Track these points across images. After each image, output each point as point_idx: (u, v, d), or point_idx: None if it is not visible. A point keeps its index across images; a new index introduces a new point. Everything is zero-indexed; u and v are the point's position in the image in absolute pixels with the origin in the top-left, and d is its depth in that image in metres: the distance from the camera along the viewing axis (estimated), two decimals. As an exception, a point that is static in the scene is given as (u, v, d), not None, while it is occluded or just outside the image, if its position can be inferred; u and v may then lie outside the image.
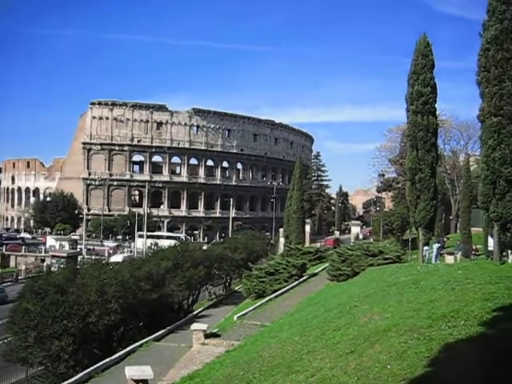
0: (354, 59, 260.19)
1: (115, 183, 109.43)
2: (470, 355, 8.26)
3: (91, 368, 18.88)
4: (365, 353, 9.86)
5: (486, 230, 32.63)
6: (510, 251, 33.64)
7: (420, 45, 25.24)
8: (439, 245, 31.21)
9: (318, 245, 64.87)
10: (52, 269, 37.64)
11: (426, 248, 28.85)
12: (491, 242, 26.26)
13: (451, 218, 71.03)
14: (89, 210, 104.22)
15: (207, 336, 21.03)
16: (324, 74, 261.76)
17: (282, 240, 72.22)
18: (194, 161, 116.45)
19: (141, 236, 78.86)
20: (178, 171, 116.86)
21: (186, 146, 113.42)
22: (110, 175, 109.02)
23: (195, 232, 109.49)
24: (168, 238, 74.07)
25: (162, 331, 25.42)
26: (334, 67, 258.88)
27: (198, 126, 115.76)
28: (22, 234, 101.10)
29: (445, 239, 36.88)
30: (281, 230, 79.03)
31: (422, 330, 9.98)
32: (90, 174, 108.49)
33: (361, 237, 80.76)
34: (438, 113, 28.23)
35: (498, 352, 7.86)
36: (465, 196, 47.36)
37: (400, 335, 10.13)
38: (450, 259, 32.29)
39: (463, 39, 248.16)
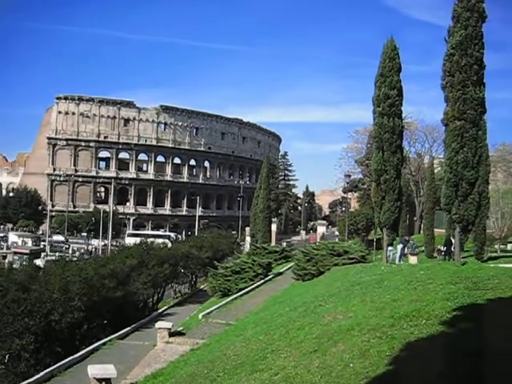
0: (323, 60, 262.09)
1: (80, 179, 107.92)
2: (431, 354, 8.43)
3: (53, 367, 18.56)
4: (328, 351, 9.98)
5: (448, 232, 33.26)
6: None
7: (387, 48, 25.58)
8: (402, 245, 31.70)
9: (284, 244, 65.20)
10: (14, 266, 36.88)
11: (390, 248, 29.27)
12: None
13: (415, 219, 72.14)
14: (53, 206, 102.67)
15: (172, 334, 20.97)
16: (293, 75, 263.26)
17: (248, 239, 72.37)
18: (161, 158, 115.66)
19: (133, 235, 78.08)
20: (144, 168, 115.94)
21: (154, 143, 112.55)
22: (76, 171, 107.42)
23: (161, 230, 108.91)
24: (158, 236, 73.50)
25: (127, 329, 25.23)
26: (303, 68, 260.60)
27: (165, 124, 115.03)
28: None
29: (408, 239, 37.36)
30: (247, 228, 79.20)
31: (384, 329, 10.14)
32: (54, 170, 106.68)
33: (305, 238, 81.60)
34: (404, 115, 28.64)
35: (457, 350, 8.06)
36: (429, 198, 48.12)
37: (363, 334, 10.27)
38: (413, 260, 32.85)
39: (430, 44, 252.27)
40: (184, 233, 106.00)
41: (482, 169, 31.77)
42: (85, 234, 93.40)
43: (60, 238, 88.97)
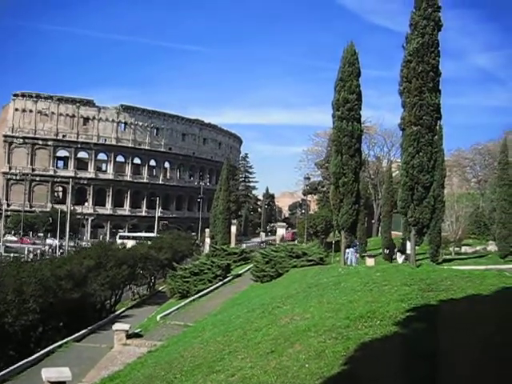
0: (285, 63, 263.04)
1: (38, 179, 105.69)
2: (385, 354, 8.59)
3: (6, 370, 18.11)
4: (285, 352, 10.07)
5: (404, 234, 33.89)
6: (398, 253, 35.50)
7: (347, 53, 25.89)
8: (353, 249, 32.02)
9: (244, 246, 65.26)
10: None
11: (348, 250, 29.66)
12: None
13: (373, 221, 73.20)
14: (8, 205, 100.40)
15: (129, 336, 20.81)
16: (255, 77, 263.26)
17: (207, 240, 72.17)
18: (120, 158, 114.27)
19: (125, 237, 76.94)
20: (104, 168, 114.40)
21: (113, 142, 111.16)
22: (33, 170, 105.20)
23: (120, 231, 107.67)
24: (150, 238, 72.85)
25: (83, 331, 24.89)
26: (266, 70, 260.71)
27: (125, 123, 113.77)
28: None
29: (358, 243, 37.74)
30: (207, 230, 78.88)
31: (340, 330, 10.29)
32: (10, 169, 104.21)
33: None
34: (363, 119, 29.03)
35: (410, 351, 8.24)
36: (386, 201, 48.89)
37: (319, 335, 10.40)
38: (370, 262, 33.31)
39: (391, 49, 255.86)
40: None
41: (438, 173, 32.57)
42: (41, 234, 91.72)
43: (13, 238, 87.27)
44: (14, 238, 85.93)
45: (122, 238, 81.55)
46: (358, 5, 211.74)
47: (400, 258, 35.31)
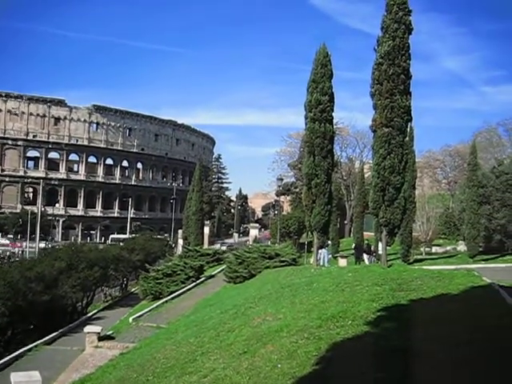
0: (258, 65, 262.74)
1: (7, 179, 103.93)
2: (355, 353, 8.70)
3: (-28, 375, 17.90)
4: (257, 353, 10.13)
5: (376, 235, 34.22)
6: (365, 255, 36.07)
7: (320, 54, 26.00)
8: (325, 249, 32.22)
9: (217, 246, 65.14)
10: None
11: (320, 251, 29.84)
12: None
13: (346, 222, 73.69)
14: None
15: (101, 339, 20.63)
16: (229, 78, 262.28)
17: (180, 241, 71.88)
18: (92, 159, 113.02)
19: (117, 240, 75.58)
20: (75, 169, 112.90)
21: (85, 143, 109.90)
22: (2, 170, 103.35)
23: (92, 232, 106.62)
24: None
25: (54, 334, 24.59)
26: (239, 72, 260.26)
27: (97, 124, 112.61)
28: None
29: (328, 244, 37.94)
30: (180, 231, 78.57)
31: (312, 330, 10.39)
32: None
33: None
34: (335, 121, 29.19)
35: (380, 349, 8.35)
36: (358, 202, 49.29)
37: (291, 335, 10.48)
38: (342, 262, 33.56)
39: (363, 51, 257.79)
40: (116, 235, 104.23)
41: (409, 174, 32.89)
42: (11, 235, 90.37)
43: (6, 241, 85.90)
44: (7, 241, 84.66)
45: (113, 240, 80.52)
46: (331, 7, 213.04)
47: (366, 259, 35.82)
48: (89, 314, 33.06)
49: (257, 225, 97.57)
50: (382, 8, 22.63)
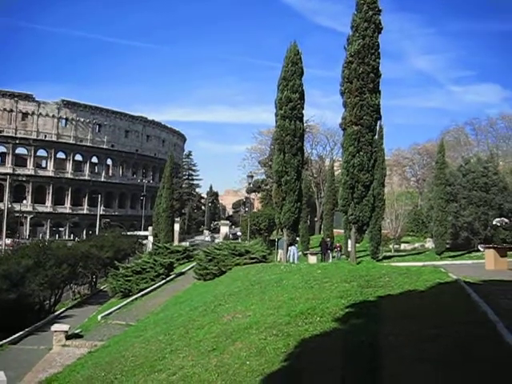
0: (230, 62, 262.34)
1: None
2: (323, 349, 8.75)
3: None
4: (226, 350, 10.14)
5: (346, 232, 34.51)
6: (330, 252, 36.56)
7: (290, 52, 26.11)
8: (295, 246, 32.40)
9: (187, 243, 64.95)
10: None
11: (290, 248, 29.99)
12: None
13: (316, 219, 74.15)
14: None
15: (69, 337, 20.39)
16: (200, 75, 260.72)
17: (150, 238, 71.45)
18: (61, 155, 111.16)
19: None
20: (43, 165, 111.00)
21: (54, 138, 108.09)
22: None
23: (60, 229, 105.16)
24: (142, 237, 70.93)
25: (20, 333, 24.17)
26: (210, 68, 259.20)
27: (66, 119, 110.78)
28: None
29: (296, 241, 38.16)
30: (150, 228, 78.09)
31: (280, 327, 10.43)
32: None
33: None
34: (306, 118, 29.37)
35: (348, 345, 8.43)
36: (328, 199, 49.71)
37: (260, 332, 10.51)
38: (312, 259, 33.80)
39: (335, 50, 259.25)
40: (85, 232, 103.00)
41: (378, 172, 33.32)
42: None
43: None
44: None
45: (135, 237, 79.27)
46: (303, 5, 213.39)
47: (330, 257, 36.31)
48: (57, 313, 32.62)
49: (227, 222, 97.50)
50: (353, 7, 22.91)
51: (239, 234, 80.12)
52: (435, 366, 6.86)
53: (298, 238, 39.77)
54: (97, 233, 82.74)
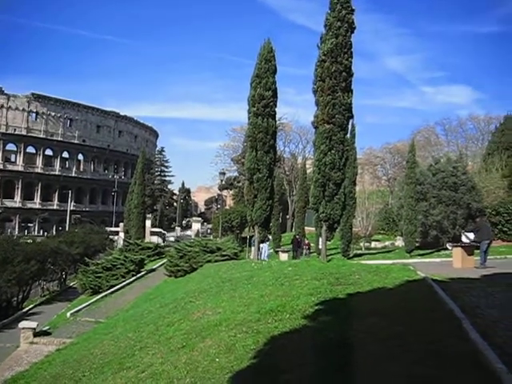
0: (203, 59, 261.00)
1: None
2: (292, 346, 8.80)
3: None
4: (196, 347, 10.13)
5: (317, 230, 34.70)
6: (299, 250, 36.96)
7: (264, 50, 26.11)
8: (266, 244, 32.53)
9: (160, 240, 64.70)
10: None
11: (261, 245, 30.10)
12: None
13: (288, 217, 74.42)
14: None
15: (37, 334, 20.18)
16: (174, 71, 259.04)
17: (121, 235, 70.95)
18: (31, 149, 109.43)
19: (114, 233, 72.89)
20: (12, 159, 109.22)
21: (23, 132, 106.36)
22: None
23: (30, 225, 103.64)
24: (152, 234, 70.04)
25: (-14, 330, 23.93)
26: (183, 65, 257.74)
27: (37, 113, 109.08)
28: None
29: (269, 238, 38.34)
30: (121, 224, 77.50)
31: (250, 324, 10.45)
32: None
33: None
34: (279, 116, 29.41)
35: (317, 342, 8.49)
36: (300, 197, 49.93)
37: (230, 329, 10.52)
38: (283, 257, 33.92)
39: (309, 48, 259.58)
40: (55, 228, 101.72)
41: (350, 171, 33.61)
42: None
43: None
44: None
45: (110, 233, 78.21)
46: (277, 2, 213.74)
47: (303, 254, 36.61)
48: (24, 309, 32.31)
49: (199, 219, 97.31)
50: (326, 6, 22.96)
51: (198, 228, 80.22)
52: (403, 362, 6.94)
53: (270, 236, 39.93)
54: (67, 229, 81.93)
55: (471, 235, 23.48)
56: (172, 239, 73.33)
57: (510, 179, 43.17)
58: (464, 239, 24.17)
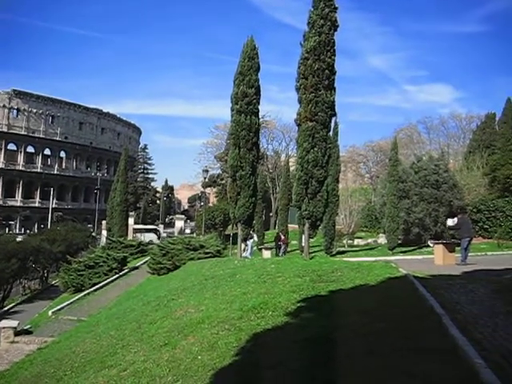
0: (187, 56, 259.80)
1: None
2: (275, 343, 8.82)
3: None
4: (178, 345, 10.12)
5: (300, 227, 34.82)
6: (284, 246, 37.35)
7: (247, 47, 26.10)
8: (249, 241, 32.58)
9: (142, 237, 64.45)
10: None
11: (248, 243, 30.20)
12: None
13: (271, 214, 74.58)
14: None
15: (18, 333, 20.01)
16: (156, 68, 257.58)
17: (104, 232, 70.63)
18: (12, 146, 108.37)
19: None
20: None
21: (4, 129, 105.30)
22: None
23: (11, 222, 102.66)
24: (144, 230, 69.63)
25: (-35, 330, 23.61)
26: (167, 62, 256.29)
27: (18, 110, 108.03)
28: None
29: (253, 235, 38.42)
30: (104, 222, 77.13)
31: (233, 321, 10.47)
32: None
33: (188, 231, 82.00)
34: (262, 114, 29.43)
35: (299, 339, 8.52)
36: (283, 194, 50.04)
37: (212, 327, 10.53)
38: (266, 254, 34.00)
39: (290, 46, 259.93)
40: (36, 226, 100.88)
41: (333, 168, 33.73)
42: None
43: None
44: None
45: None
46: (262, 0, 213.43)
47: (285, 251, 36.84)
48: (5, 308, 32.02)
49: (183, 216, 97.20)
50: (310, 3, 23.00)
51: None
52: (385, 358, 7.00)
53: (254, 235, 40.01)
54: (49, 226, 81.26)
55: (454, 220, 23.99)
56: (165, 235, 73.21)
57: (490, 177, 43.65)
58: (450, 223, 24.71)
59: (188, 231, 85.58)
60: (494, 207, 40.13)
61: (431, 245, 29.32)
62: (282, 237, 39.53)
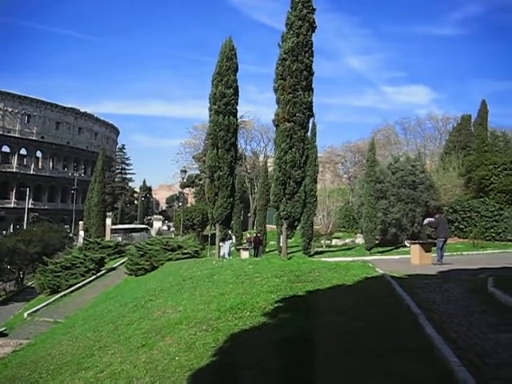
0: (165, 56, 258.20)
1: None
2: (253, 343, 8.83)
3: None
4: (155, 346, 10.09)
5: (278, 228, 34.90)
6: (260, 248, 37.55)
7: (225, 47, 26.14)
8: (227, 242, 32.56)
9: (120, 239, 64.00)
10: None
11: (226, 243, 30.17)
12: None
13: (249, 215, 74.53)
14: None
15: (-8, 336, 19.81)
16: (133, 68, 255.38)
17: (81, 233, 70.00)
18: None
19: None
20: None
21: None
22: None
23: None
24: (135, 230, 68.77)
25: None
26: (145, 62, 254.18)
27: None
28: None
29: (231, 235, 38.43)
30: (81, 222, 76.45)
31: (210, 322, 10.46)
32: None
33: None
34: (240, 114, 29.45)
35: (277, 339, 8.54)
36: (262, 195, 50.04)
37: (190, 327, 10.51)
38: (244, 255, 33.98)
39: (269, 47, 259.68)
40: (12, 226, 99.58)
41: (311, 169, 33.88)
42: None
43: None
44: None
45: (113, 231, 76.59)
46: (240, 0, 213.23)
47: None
48: (-20, 310, 31.55)
49: (161, 217, 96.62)
50: (288, 4, 23.09)
51: (172, 229, 79.48)
52: (362, 357, 7.05)
53: (233, 235, 40.00)
54: (25, 227, 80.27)
55: (431, 219, 24.44)
56: (153, 233, 72.85)
57: (466, 178, 44.12)
58: (426, 222, 25.23)
59: (165, 228, 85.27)
60: (470, 207, 40.62)
61: (408, 245, 29.55)
62: (253, 236, 39.69)
